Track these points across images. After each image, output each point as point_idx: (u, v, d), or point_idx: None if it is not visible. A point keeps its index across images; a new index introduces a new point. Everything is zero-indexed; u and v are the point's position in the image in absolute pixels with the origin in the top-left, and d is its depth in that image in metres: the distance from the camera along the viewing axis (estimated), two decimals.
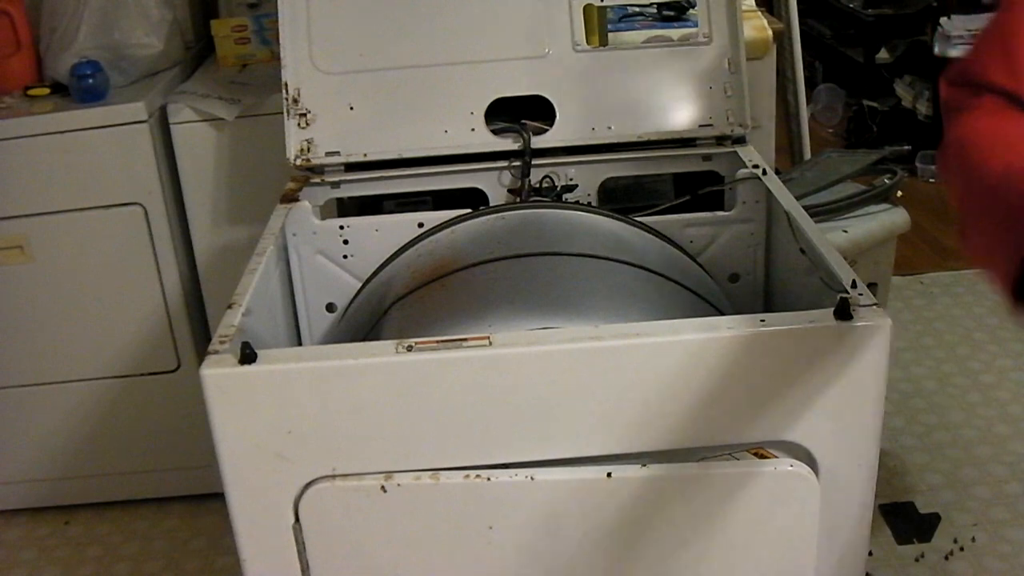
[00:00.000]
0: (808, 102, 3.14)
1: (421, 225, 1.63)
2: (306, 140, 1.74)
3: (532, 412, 1.20)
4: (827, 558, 1.29)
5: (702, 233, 1.67)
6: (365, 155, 1.73)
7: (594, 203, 1.75)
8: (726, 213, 1.66)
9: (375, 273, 1.60)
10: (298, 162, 1.74)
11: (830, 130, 4.57)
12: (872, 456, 1.26)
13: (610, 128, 1.74)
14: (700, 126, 1.74)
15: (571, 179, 1.75)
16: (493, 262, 1.45)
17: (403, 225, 1.64)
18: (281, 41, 1.73)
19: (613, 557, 1.27)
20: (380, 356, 1.19)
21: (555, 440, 1.22)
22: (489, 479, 1.23)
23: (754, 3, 2.18)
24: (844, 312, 1.19)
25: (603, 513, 1.25)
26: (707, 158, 1.74)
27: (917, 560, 2.14)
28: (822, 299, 1.27)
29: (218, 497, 1.27)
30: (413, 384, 1.19)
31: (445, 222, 1.57)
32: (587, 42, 1.74)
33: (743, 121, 1.74)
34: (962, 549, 2.16)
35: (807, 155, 2.83)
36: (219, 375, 1.18)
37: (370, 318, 1.52)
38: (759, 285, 1.69)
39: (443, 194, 1.76)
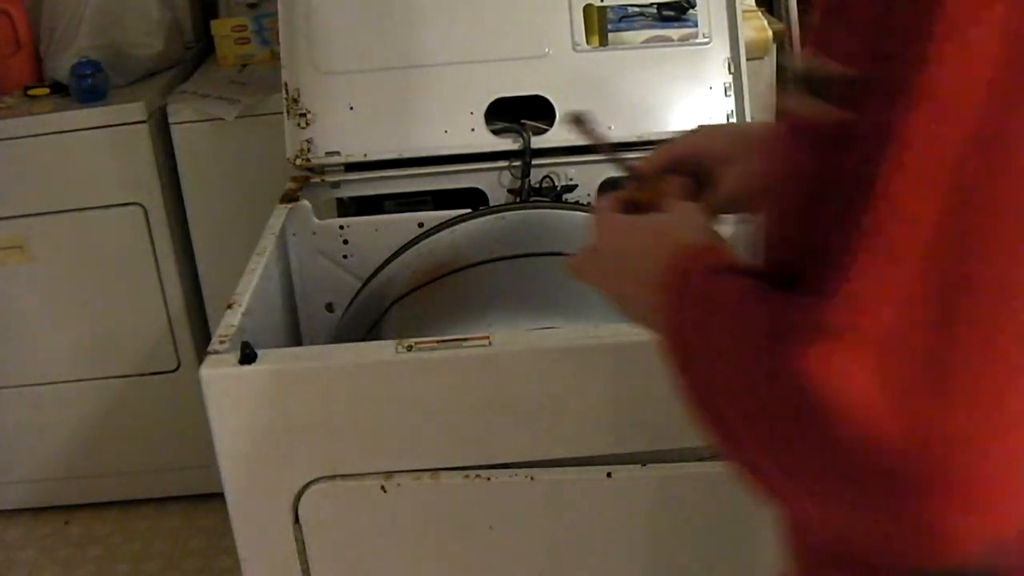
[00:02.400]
0: None
1: (421, 225, 1.63)
2: (306, 140, 1.74)
3: (532, 412, 1.20)
4: None
5: None
6: (365, 155, 1.73)
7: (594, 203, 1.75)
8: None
9: (375, 273, 1.60)
10: (298, 162, 1.74)
11: None
12: None
13: (610, 128, 1.73)
14: (700, 126, 1.73)
15: (571, 179, 1.75)
16: (493, 262, 1.45)
17: (403, 225, 1.64)
18: (281, 41, 1.73)
19: (613, 557, 1.27)
20: (380, 356, 1.19)
21: (555, 440, 1.22)
22: (489, 479, 1.23)
23: (754, 3, 2.18)
24: None
25: (603, 513, 1.25)
26: None
27: None
28: None
29: (218, 497, 1.27)
30: (413, 384, 1.19)
31: (445, 222, 1.57)
32: (587, 42, 1.74)
33: (743, 121, 1.74)
34: None
35: None
36: (219, 375, 1.18)
37: (370, 318, 1.52)
38: None
39: (443, 194, 1.76)
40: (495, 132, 1.73)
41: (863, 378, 0.51)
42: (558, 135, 1.73)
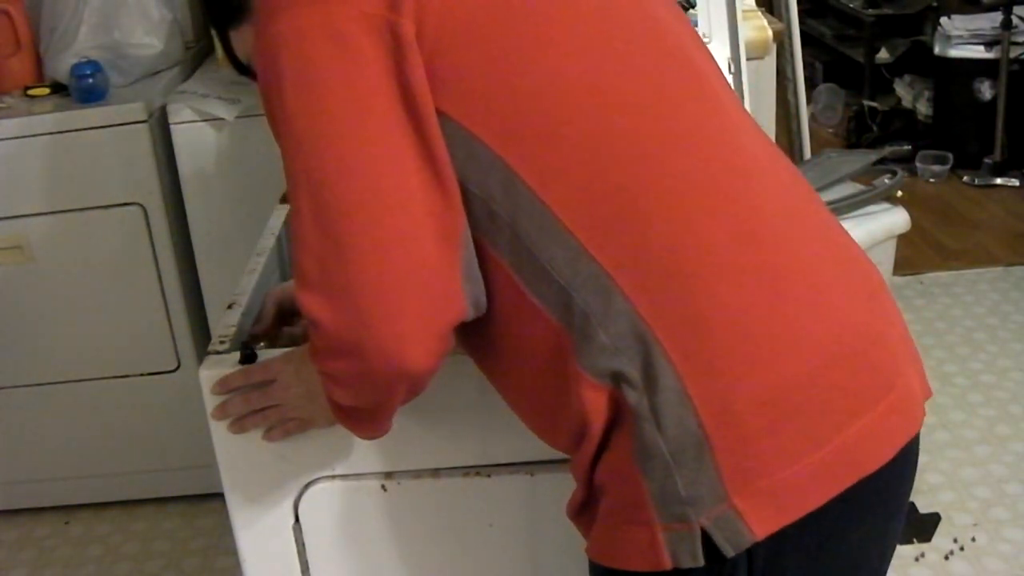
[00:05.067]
0: (808, 102, 3.14)
1: None
2: None
3: None
4: None
5: None
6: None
7: None
8: None
9: None
10: None
11: (830, 130, 4.57)
12: None
13: None
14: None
15: None
16: None
17: None
18: None
19: None
20: None
21: None
22: (489, 475, 1.23)
23: (754, 3, 2.18)
24: None
25: None
26: None
27: (917, 560, 2.14)
28: None
29: (218, 497, 1.27)
30: None
31: None
32: None
33: None
34: (962, 549, 2.16)
35: (807, 155, 2.83)
36: (218, 376, 1.18)
37: None
38: None
39: None
40: None
41: (325, 316, 0.90)
42: None
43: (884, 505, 0.98)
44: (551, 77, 0.92)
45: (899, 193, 2.16)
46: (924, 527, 2.22)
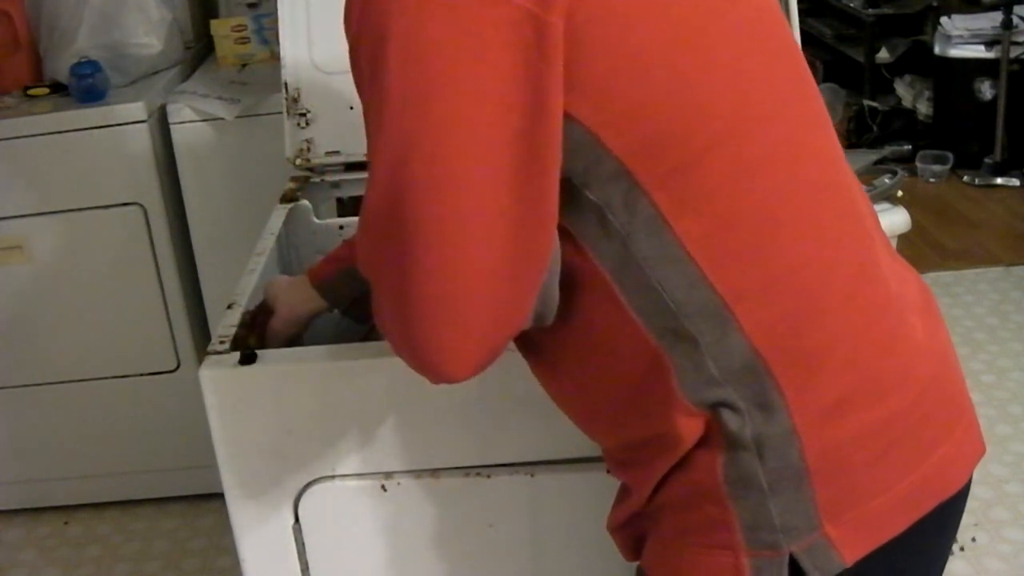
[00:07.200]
0: None
1: None
2: (306, 140, 1.74)
3: (533, 411, 1.20)
4: None
5: None
6: (365, 154, 1.73)
7: None
8: None
9: None
10: (298, 162, 1.74)
11: None
12: None
13: None
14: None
15: None
16: None
17: None
18: (281, 41, 1.73)
19: (613, 555, 1.27)
20: (380, 356, 1.19)
21: (555, 440, 1.22)
22: (489, 476, 1.23)
23: None
24: None
25: (603, 511, 1.24)
26: None
27: None
28: None
29: (218, 497, 1.27)
30: (413, 384, 1.19)
31: None
32: None
33: None
34: (962, 549, 2.16)
35: None
36: (219, 375, 1.18)
37: (370, 318, 1.52)
38: None
39: None
40: None
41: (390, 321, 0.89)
42: None
43: (949, 526, 0.99)
44: (701, 99, 0.85)
45: (899, 193, 2.16)
46: None
